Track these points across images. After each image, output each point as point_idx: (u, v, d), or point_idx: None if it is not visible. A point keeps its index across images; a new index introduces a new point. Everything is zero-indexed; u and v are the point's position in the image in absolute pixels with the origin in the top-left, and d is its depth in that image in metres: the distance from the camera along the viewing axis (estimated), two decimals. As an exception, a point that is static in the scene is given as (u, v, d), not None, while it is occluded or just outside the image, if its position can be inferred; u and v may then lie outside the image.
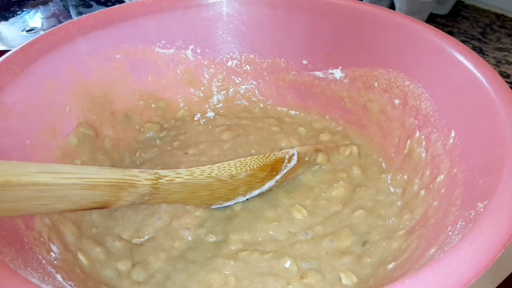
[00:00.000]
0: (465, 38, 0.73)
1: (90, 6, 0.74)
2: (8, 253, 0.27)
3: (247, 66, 0.51)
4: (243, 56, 0.51)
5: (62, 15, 0.73)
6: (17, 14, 0.73)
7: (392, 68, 0.43)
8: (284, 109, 0.51)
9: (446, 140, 0.36)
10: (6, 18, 0.72)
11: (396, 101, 0.43)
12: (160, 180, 0.31)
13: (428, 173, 0.37)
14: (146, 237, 0.37)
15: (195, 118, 0.50)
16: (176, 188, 0.33)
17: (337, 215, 0.38)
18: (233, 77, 0.52)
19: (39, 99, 0.39)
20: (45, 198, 0.24)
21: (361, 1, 0.45)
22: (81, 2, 0.75)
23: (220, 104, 0.52)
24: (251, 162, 0.39)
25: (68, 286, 0.29)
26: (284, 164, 0.39)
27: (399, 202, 0.39)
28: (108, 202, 0.29)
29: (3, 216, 0.30)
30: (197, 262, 0.35)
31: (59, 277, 0.30)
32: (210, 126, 0.49)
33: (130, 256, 0.36)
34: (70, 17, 0.73)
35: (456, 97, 0.36)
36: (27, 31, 0.68)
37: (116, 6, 0.46)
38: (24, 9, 0.74)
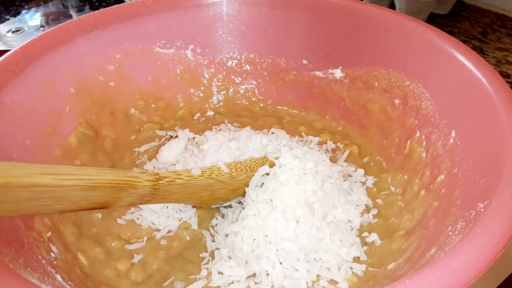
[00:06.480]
0: (466, 38, 0.73)
1: (82, 10, 0.74)
2: (8, 253, 0.27)
3: (247, 66, 0.51)
4: (243, 56, 0.51)
5: (62, 15, 0.73)
6: (18, 13, 0.72)
7: (392, 68, 0.43)
8: (285, 108, 0.51)
9: (446, 140, 0.36)
10: (9, 12, 0.71)
11: (396, 101, 0.43)
12: (160, 181, 0.31)
13: (428, 173, 0.37)
14: (145, 237, 0.37)
15: (195, 118, 0.50)
16: (176, 189, 0.33)
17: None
18: (233, 77, 0.52)
19: (39, 99, 0.39)
20: (45, 199, 0.24)
21: (361, 1, 0.45)
22: (78, 3, 0.75)
23: (220, 104, 0.52)
24: (251, 163, 0.39)
25: (68, 286, 0.29)
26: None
27: (399, 202, 0.39)
28: (108, 203, 0.29)
29: (3, 216, 0.30)
30: (195, 261, 0.35)
31: (58, 277, 0.30)
32: (209, 125, 0.49)
33: (129, 256, 0.36)
34: (70, 17, 0.73)
35: (457, 97, 0.36)
36: (13, 32, 0.67)
37: (116, 6, 0.45)
38: (25, 9, 0.74)
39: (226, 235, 0.36)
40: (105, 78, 0.45)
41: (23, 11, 0.73)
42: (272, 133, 0.45)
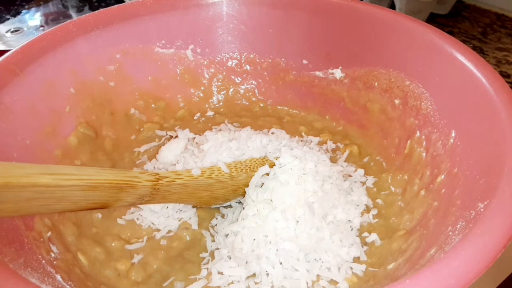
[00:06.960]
0: (466, 38, 0.73)
1: (82, 10, 0.74)
2: (8, 253, 0.27)
3: (247, 66, 0.51)
4: (243, 56, 0.51)
5: (62, 15, 0.73)
6: (18, 13, 0.72)
7: (392, 68, 0.43)
8: (285, 108, 0.51)
9: (446, 140, 0.36)
10: (9, 12, 0.71)
11: (396, 101, 0.43)
12: (160, 181, 0.31)
13: (428, 173, 0.37)
14: (145, 237, 0.37)
15: (195, 118, 0.50)
16: (176, 189, 0.33)
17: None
18: (233, 77, 0.52)
19: (39, 99, 0.39)
20: (45, 199, 0.24)
21: (361, 1, 0.45)
22: (78, 3, 0.75)
23: (220, 104, 0.52)
24: (251, 163, 0.39)
25: (68, 286, 0.29)
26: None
27: (399, 202, 0.39)
28: (108, 203, 0.29)
29: (3, 216, 0.30)
30: (195, 261, 0.35)
31: (58, 277, 0.30)
32: (209, 125, 0.49)
33: (129, 256, 0.36)
34: (70, 17, 0.73)
35: (457, 97, 0.36)
36: (12, 32, 0.67)
37: (116, 6, 0.45)
38: (25, 9, 0.74)
39: (226, 235, 0.36)
40: (105, 78, 0.45)
41: (23, 11, 0.73)
42: (272, 133, 0.45)
